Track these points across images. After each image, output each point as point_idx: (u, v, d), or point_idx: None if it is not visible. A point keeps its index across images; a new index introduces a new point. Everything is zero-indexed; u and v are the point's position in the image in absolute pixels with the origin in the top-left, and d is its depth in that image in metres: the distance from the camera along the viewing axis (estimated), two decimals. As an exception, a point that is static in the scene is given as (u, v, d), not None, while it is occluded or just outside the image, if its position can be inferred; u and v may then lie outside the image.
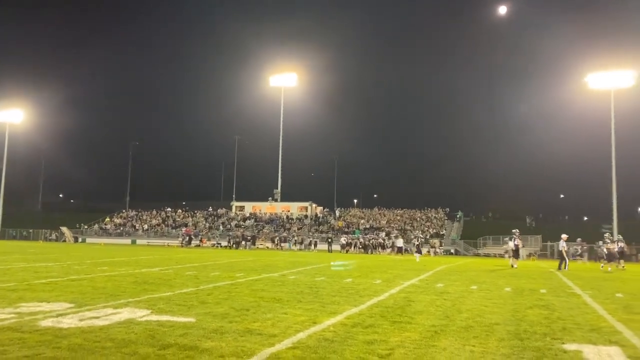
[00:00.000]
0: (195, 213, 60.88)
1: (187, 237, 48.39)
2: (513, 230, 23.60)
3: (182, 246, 45.20)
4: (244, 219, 56.65)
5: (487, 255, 43.48)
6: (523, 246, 30.75)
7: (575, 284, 13.94)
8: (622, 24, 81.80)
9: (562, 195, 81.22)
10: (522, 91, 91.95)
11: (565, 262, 20.87)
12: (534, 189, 78.28)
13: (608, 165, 44.56)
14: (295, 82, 59.60)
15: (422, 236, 28.10)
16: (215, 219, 58.39)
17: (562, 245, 21.60)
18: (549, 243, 44.11)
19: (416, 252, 31.22)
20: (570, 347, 5.65)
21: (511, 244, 22.99)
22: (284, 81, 59.11)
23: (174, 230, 54.75)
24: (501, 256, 36.55)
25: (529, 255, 39.00)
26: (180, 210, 62.29)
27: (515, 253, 22.89)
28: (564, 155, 76.34)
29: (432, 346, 5.59)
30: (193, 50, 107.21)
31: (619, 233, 24.22)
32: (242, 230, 50.75)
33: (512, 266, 21.71)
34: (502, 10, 64.51)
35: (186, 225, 55.95)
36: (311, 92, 66.46)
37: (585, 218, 64.90)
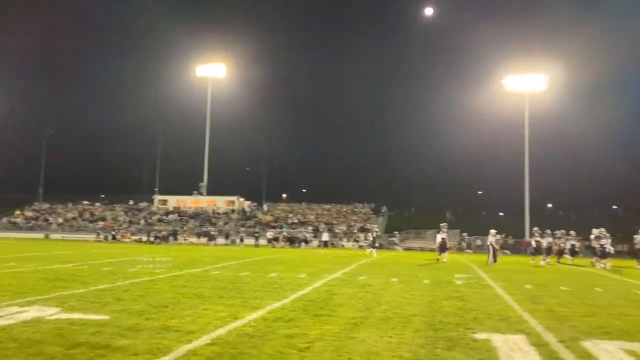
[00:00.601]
0: (115, 207, 58.43)
1: (109, 232, 46.37)
2: (441, 224, 23.59)
3: (101, 241, 43.27)
4: (167, 213, 55.07)
5: (409, 249, 44.91)
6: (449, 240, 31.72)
7: (489, 276, 14.68)
8: (537, 31, 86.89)
9: (480, 192, 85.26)
10: (444, 90, 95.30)
11: (495, 256, 21.92)
12: (454, 186, 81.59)
13: (522, 164, 47.33)
14: (224, 73, 58.47)
15: (377, 230, 27.74)
16: (136, 213, 56.34)
17: (491, 240, 22.58)
18: (467, 237, 46.25)
19: (369, 246, 29.11)
20: (481, 336, 5.93)
21: (439, 238, 22.87)
22: (212, 71, 57.83)
23: (91, 225, 52.26)
24: (433, 250, 37.95)
25: (449, 249, 40.62)
26: (98, 204, 59.54)
27: (442, 247, 22.76)
28: (482, 153, 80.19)
29: (351, 338, 5.68)
30: (114, 35, 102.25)
31: (570, 231, 24.58)
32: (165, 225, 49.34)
33: (440, 260, 21.69)
34: (428, 11, 66.52)
35: (104, 219, 53.60)
36: (241, 84, 65.35)
37: (501, 213, 68.47)
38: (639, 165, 72.33)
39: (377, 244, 25.95)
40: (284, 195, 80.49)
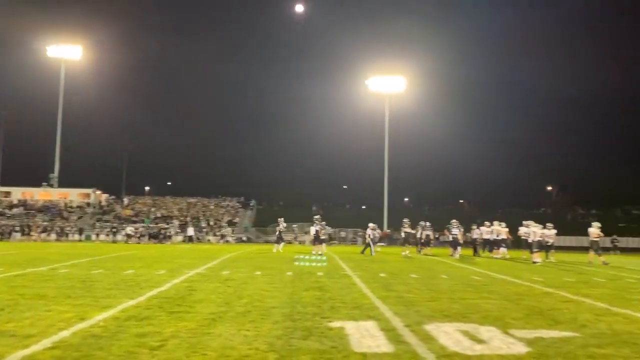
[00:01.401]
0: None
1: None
2: (315, 217, 23.52)
3: None
4: (11, 207, 49.68)
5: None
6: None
7: (348, 266, 15.35)
8: (397, 37, 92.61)
9: (344, 186, 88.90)
10: (313, 88, 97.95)
11: (371, 248, 23.24)
12: (320, 180, 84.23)
13: (382, 160, 50.22)
14: (80, 55, 54.04)
15: (285, 225, 27.04)
16: (-26, 206, 50.11)
17: (369, 232, 23.95)
18: (335, 229, 47.93)
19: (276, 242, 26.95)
20: (335, 324, 6.16)
21: (312, 230, 22.86)
22: (66, 53, 53.15)
23: None
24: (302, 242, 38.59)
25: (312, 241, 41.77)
26: None
27: (317, 239, 22.81)
28: (347, 149, 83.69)
29: (207, 334, 5.56)
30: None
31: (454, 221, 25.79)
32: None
33: (316, 253, 21.46)
34: (299, 8, 67.42)
35: None
36: (100, 69, 61.10)
37: (364, 207, 71.96)
38: (484, 163, 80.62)
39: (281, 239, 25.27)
40: (147, 188, 76.75)
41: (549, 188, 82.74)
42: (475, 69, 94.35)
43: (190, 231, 39.28)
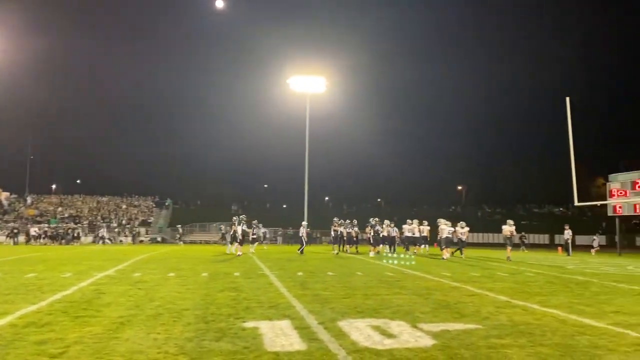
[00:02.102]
0: None
1: None
2: (241, 216, 22.82)
3: None
4: None
5: (192, 242, 44.37)
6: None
7: (265, 265, 15.30)
8: (318, 37, 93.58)
9: (265, 185, 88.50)
10: (233, 86, 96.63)
11: (302, 247, 23.81)
12: (241, 179, 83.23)
13: (303, 160, 50.40)
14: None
15: (260, 225, 26.06)
16: None
17: (302, 231, 24.62)
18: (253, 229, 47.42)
19: (229, 242, 25.60)
20: (249, 324, 6.11)
21: (239, 230, 22.05)
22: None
23: None
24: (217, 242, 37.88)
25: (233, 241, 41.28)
26: None
27: (235, 238, 22.20)
28: (268, 148, 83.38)
29: (114, 338, 5.33)
30: None
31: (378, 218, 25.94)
32: None
33: (238, 254, 21.11)
34: (219, 4, 66.20)
35: None
36: (4, 60, 56.52)
37: (284, 205, 71.99)
38: (400, 163, 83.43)
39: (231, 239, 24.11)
40: (54, 187, 72.13)
41: (459, 188, 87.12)
42: (391, 71, 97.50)
43: (101, 232, 37.46)
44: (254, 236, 25.81)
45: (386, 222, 24.86)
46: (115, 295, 8.43)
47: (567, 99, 30.48)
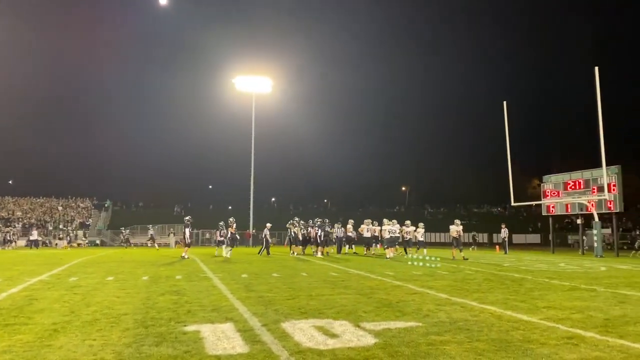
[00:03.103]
0: None
1: None
2: (186, 218, 22.02)
3: None
4: None
5: (135, 245, 43.11)
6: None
7: (209, 268, 15.05)
8: (264, 38, 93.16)
9: (210, 186, 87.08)
10: (176, 84, 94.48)
11: (267, 248, 24.24)
12: (184, 180, 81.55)
13: (249, 160, 49.95)
14: None
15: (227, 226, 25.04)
16: None
17: (266, 232, 24.98)
18: (194, 230, 46.67)
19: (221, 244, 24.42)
20: (191, 328, 6.00)
21: (187, 232, 21.60)
22: None
23: None
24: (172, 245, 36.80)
25: (177, 243, 40.55)
26: None
27: (185, 241, 21.73)
28: (213, 148, 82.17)
29: (47, 346, 5.09)
30: None
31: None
32: None
33: (184, 257, 20.60)
34: (163, 0, 64.58)
35: None
36: None
37: (230, 207, 71.14)
38: (345, 164, 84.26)
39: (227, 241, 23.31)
40: (-17, 188, 68.15)
41: (403, 188, 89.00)
42: (336, 73, 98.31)
43: (35, 235, 35.75)
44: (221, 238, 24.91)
45: (366, 221, 25.54)
46: (49, 301, 8.06)
47: (504, 102, 31.86)
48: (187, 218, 22.00)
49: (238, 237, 27.88)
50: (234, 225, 22.47)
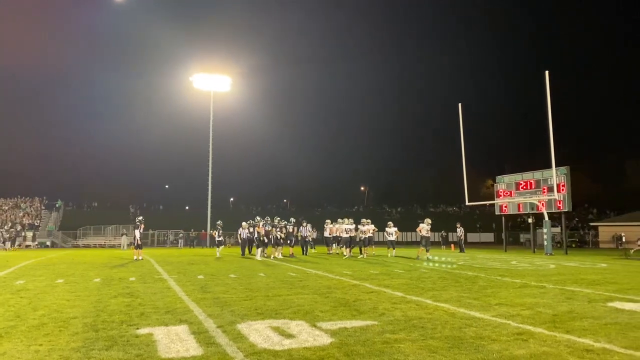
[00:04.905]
0: None
1: None
2: (138, 219, 21.28)
3: None
4: None
5: (87, 246, 41.87)
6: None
7: (164, 269, 14.75)
8: (223, 36, 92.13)
9: (166, 186, 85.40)
10: (133, 82, 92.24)
11: (250, 248, 24.53)
12: (139, 180, 79.76)
13: (207, 160, 49.23)
14: None
15: (221, 226, 24.19)
16: None
17: (241, 232, 25.49)
18: (150, 231, 45.69)
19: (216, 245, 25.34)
20: (144, 331, 5.85)
21: (137, 233, 20.86)
22: None
23: None
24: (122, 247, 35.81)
25: (130, 245, 39.50)
26: None
27: (135, 242, 21.04)
28: (170, 148, 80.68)
29: (-12, 354, 4.86)
30: None
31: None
32: None
33: (137, 259, 20.08)
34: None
35: None
36: None
37: (187, 207, 70.02)
38: (304, 164, 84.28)
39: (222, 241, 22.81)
40: None
41: (362, 188, 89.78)
42: (296, 73, 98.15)
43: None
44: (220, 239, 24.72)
45: (327, 221, 26.28)
46: (-8, 306, 7.71)
47: (460, 105, 32.60)
48: (139, 219, 21.26)
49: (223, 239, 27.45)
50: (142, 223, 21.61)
